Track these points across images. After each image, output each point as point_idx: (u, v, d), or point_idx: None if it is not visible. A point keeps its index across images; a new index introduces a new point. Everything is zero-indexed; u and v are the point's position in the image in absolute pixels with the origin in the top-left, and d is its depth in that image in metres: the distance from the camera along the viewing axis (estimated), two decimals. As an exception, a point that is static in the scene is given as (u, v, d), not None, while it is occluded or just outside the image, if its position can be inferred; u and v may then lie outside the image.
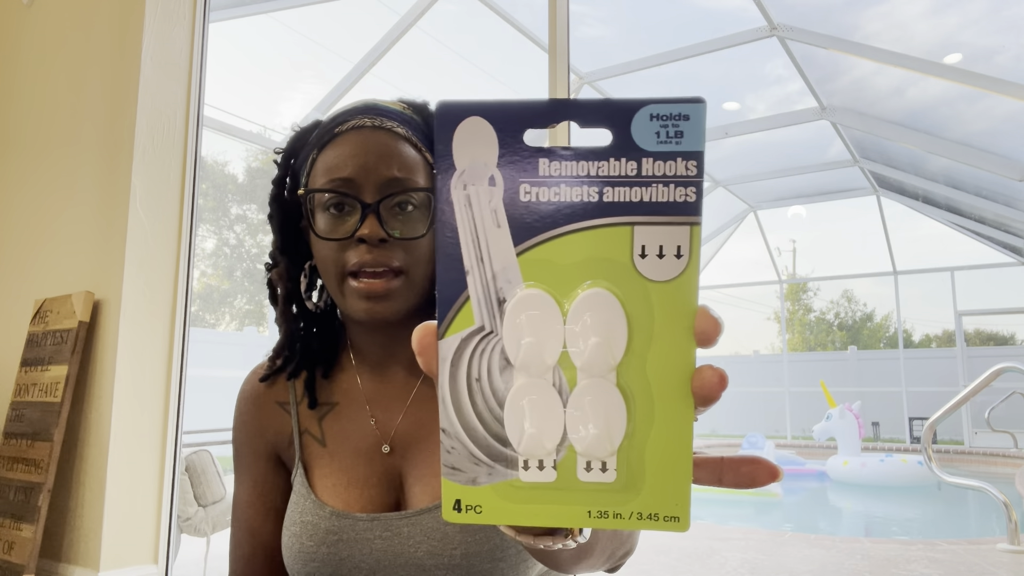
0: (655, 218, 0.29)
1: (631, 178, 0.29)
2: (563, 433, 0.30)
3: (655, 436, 0.30)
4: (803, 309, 21.67)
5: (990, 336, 16.71)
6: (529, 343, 0.29)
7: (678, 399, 0.29)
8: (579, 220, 0.29)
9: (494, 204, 0.29)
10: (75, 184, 2.18)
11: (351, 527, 0.73)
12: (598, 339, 0.29)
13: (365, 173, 0.71)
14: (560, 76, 2.12)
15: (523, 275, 0.29)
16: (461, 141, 0.29)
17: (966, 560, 3.52)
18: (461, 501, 0.31)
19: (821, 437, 8.92)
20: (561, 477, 0.30)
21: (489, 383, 0.30)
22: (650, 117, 0.29)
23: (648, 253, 0.29)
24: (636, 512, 0.30)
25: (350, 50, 6.09)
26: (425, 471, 0.74)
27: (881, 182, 10.55)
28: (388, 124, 0.74)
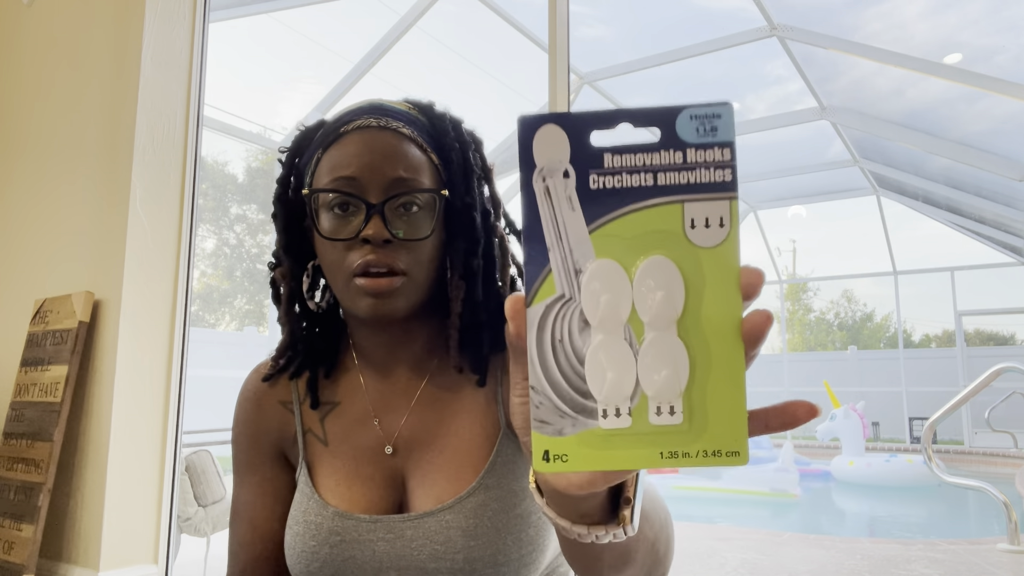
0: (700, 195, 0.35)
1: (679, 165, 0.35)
2: (636, 382, 0.35)
3: (714, 379, 0.35)
4: (803, 309, 21.67)
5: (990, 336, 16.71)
6: (606, 301, 0.35)
7: (731, 345, 0.35)
8: (638, 201, 0.35)
9: (568, 192, 0.35)
10: (75, 184, 2.18)
11: (354, 528, 0.72)
12: (662, 294, 0.35)
13: (370, 173, 0.70)
14: (560, 76, 2.12)
15: (595, 249, 0.35)
16: (540, 144, 0.36)
17: (966, 560, 3.52)
18: (549, 451, 0.36)
19: (825, 437, 8.88)
20: (635, 422, 0.35)
21: (571, 343, 0.36)
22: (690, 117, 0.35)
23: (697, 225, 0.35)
24: (702, 450, 0.35)
25: (350, 50, 6.09)
26: (428, 473, 0.74)
27: (881, 182, 10.55)
28: (394, 124, 0.74)
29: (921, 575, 3.27)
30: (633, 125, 0.35)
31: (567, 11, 2.19)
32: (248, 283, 18.36)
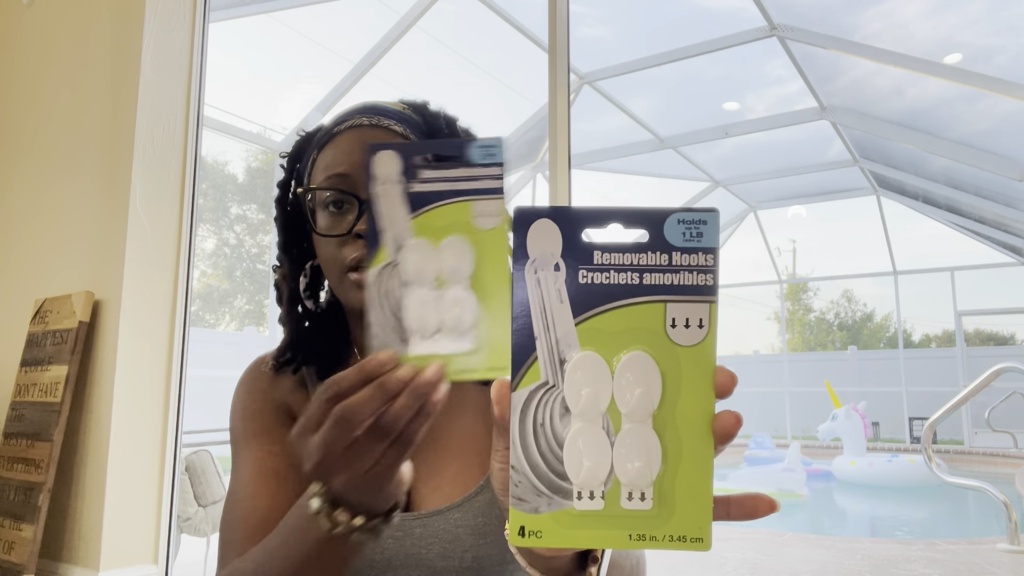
0: (682, 297, 0.38)
1: (664, 267, 0.38)
2: (610, 468, 0.38)
3: (683, 470, 0.38)
4: (803, 309, 21.66)
5: (990, 336, 16.71)
6: (588, 393, 0.38)
7: (702, 439, 0.38)
8: (624, 298, 0.38)
9: (558, 285, 0.38)
10: (75, 184, 2.18)
11: None
12: (641, 391, 0.38)
13: (361, 169, 0.72)
14: (560, 76, 2.12)
15: (580, 341, 0.38)
16: (533, 237, 0.39)
17: (966, 560, 3.52)
18: (525, 528, 0.39)
19: (826, 437, 8.85)
20: (608, 505, 0.38)
21: (551, 427, 0.38)
22: (678, 221, 0.38)
23: (677, 324, 0.38)
24: (668, 535, 0.38)
25: (350, 50, 6.09)
26: (434, 472, 0.74)
27: (881, 182, 10.55)
28: (385, 122, 0.75)
29: (921, 575, 3.27)
30: (624, 226, 0.38)
31: (567, 11, 2.19)
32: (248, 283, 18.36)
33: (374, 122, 0.75)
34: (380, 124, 0.75)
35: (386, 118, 0.75)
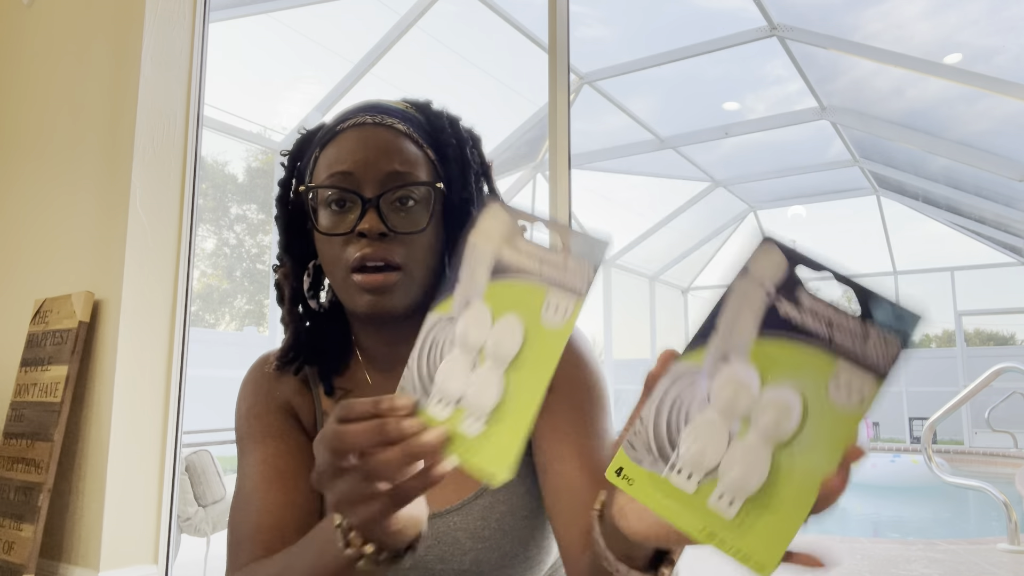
0: (856, 364, 0.40)
1: (853, 333, 0.41)
2: (718, 464, 0.40)
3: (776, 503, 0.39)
4: (803, 309, 21.68)
5: (990, 336, 16.70)
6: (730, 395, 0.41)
7: (808, 488, 0.39)
8: (805, 339, 0.41)
9: (757, 305, 0.42)
10: (75, 184, 2.18)
11: None
12: (776, 416, 0.40)
13: (365, 168, 0.71)
14: (560, 76, 2.12)
15: (751, 354, 0.41)
16: (760, 257, 0.43)
17: (966, 560, 3.52)
18: (623, 470, 0.42)
19: None
20: (697, 493, 0.40)
21: (688, 405, 0.42)
22: (886, 307, 0.40)
23: (841, 385, 0.40)
24: (737, 548, 0.40)
25: (350, 50, 6.09)
26: None
27: (881, 182, 10.55)
28: (389, 121, 0.74)
29: (921, 575, 3.27)
30: (837, 280, 0.41)
31: (567, 11, 2.19)
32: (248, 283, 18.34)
33: (378, 120, 0.74)
34: (384, 123, 0.74)
35: (390, 116, 0.74)
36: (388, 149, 0.72)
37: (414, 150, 0.74)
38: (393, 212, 0.71)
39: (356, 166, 0.71)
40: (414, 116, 0.77)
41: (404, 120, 0.75)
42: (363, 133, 0.73)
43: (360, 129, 0.73)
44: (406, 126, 0.74)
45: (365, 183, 0.71)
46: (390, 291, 0.70)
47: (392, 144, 0.72)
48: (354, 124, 0.73)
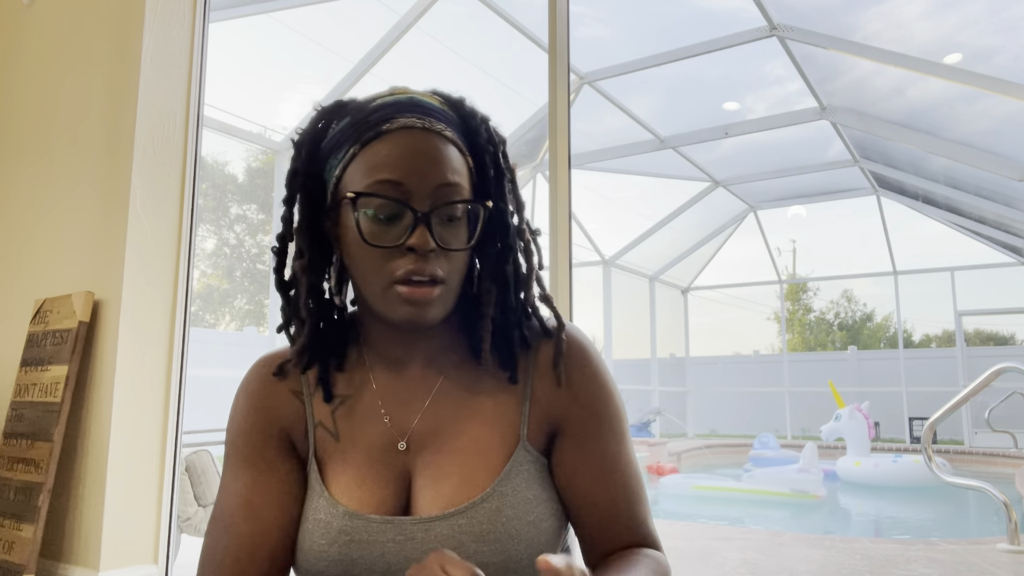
0: None
1: None
2: None
3: None
4: (803, 309, 21.66)
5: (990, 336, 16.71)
6: None
7: None
8: None
9: None
10: (75, 184, 2.18)
11: (364, 528, 0.72)
12: None
13: (417, 178, 0.68)
14: (560, 76, 2.12)
15: None
16: None
17: (966, 560, 3.52)
18: None
19: (830, 437, 8.71)
20: None
21: None
22: None
23: None
24: None
25: (350, 50, 6.09)
26: (437, 475, 0.73)
27: (881, 182, 10.55)
28: (437, 126, 0.71)
29: (921, 575, 3.27)
30: None
31: (567, 11, 2.19)
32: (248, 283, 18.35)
33: (426, 125, 0.71)
34: (433, 128, 0.71)
35: (437, 120, 0.72)
36: (439, 159, 0.70)
37: (460, 159, 0.72)
38: (441, 226, 0.70)
39: (407, 176, 0.68)
40: (452, 117, 0.74)
41: (448, 124, 0.73)
42: (413, 139, 0.70)
43: (409, 133, 0.70)
44: (452, 132, 0.73)
45: (416, 195, 0.69)
46: (432, 304, 0.70)
47: (442, 154, 0.70)
48: (402, 127, 0.70)
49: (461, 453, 0.74)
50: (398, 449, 0.75)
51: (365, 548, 0.71)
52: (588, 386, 0.76)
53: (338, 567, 0.71)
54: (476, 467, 0.73)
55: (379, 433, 0.76)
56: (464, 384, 0.77)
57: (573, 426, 0.75)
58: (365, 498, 0.73)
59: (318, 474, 0.76)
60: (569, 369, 0.76)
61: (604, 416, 0.76)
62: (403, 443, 0.75)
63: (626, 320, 12.17)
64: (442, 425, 0.76)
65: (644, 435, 10.95)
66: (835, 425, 8.67)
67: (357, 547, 0.71)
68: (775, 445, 9.55)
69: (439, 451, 0.75)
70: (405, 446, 0.75)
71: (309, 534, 0.74)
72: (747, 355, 16.07)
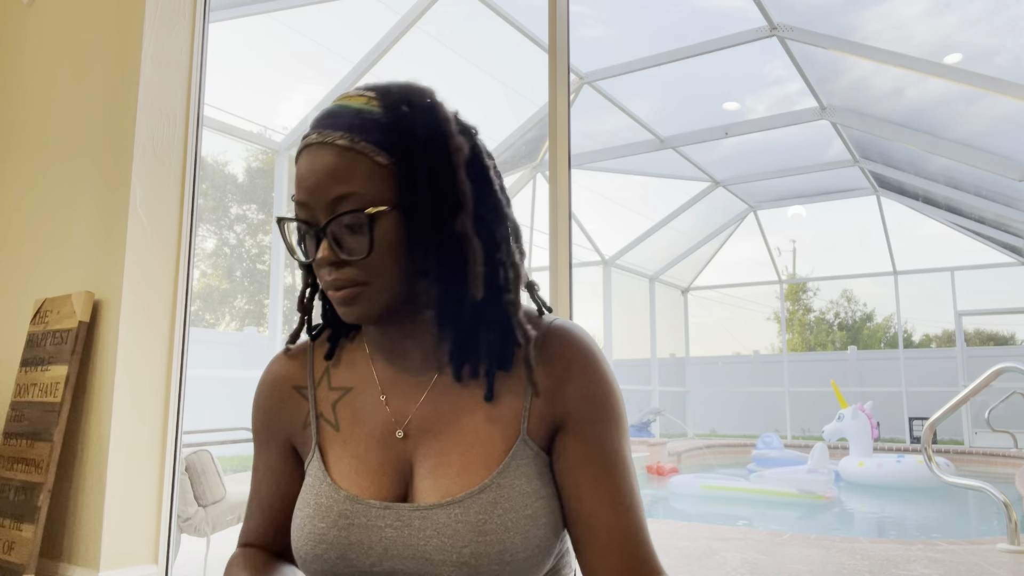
0: None
1: None
2: None
3: None
4: (803, 309, 21.66)
5: (990, 336, 16.71)
6: None
7: None
8: None
9: None
10: (75, 184, 2.18)
11: (364, 512, 0.74)
12: None
13: (314, 196, 0.72)
14: (560, 76, 2.12)
15: None
16: None
17: (966, 560, 3.52)
18: None
19: (832, 438, 8.60)
20: None
21: None
22: None
23: None
24: None
25: (350, 50, 6.09)
26: (436, 464, 0.75)
27: (881, 182, 10.55)
28: (332, 137, 0.71)
29: (921, 575, 3.27)
30: None
31: (567, 11, 2.19)
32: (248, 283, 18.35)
33: (323, 139, 0.71)
34: (327, 141, 0.71)
35: (335, 130, 0.71)
36: (329, 173, 0.71)
37: (359, 165, 0.71)
38: (345, 235, 0.72)
39: (307, 195, 0.72)
40: (368, 114, 0.73)
41: (349, 130, 0.71)
42: (310, 156, 0.73)
43: (309, 151, 0.73)
44: (349, 138, 0.71)
45: (316, 210, 0.72)
46: (358, 302, 0.74)
47: (332, 167, 0.71)
48: (306, 145, 0.74)
49: (461, 444, 0.75)
50: (396, 438, 0.77)
51: (363, 532, 0.73)
52: (590, 383, 0.77)
53: (335, 550, 0.74)
54: (475, 458, 0.74)
55: (379, 421, 0.79)
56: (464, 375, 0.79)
57: (576, 420, 0.76)
58: (365, 484, 0.76)
59: (320, 462, 0.80)
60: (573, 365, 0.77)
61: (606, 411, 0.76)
62: (401, 431, 0.77)
63: (626, 320, 12.17)
64: (441, 416, 0.77)
65: (644, 435, 10.94)
66: (838, 425, 8.61)
67: (356, 531, 0.74)
68: (779, 445, 9.52)
69: (439, 441, 0.76)
70: (403, 434, 0.77)
71: (310, 518, 0.76)
72: (747, 355, 16.08)
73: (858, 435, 8.48)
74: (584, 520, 0.75)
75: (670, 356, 14.51)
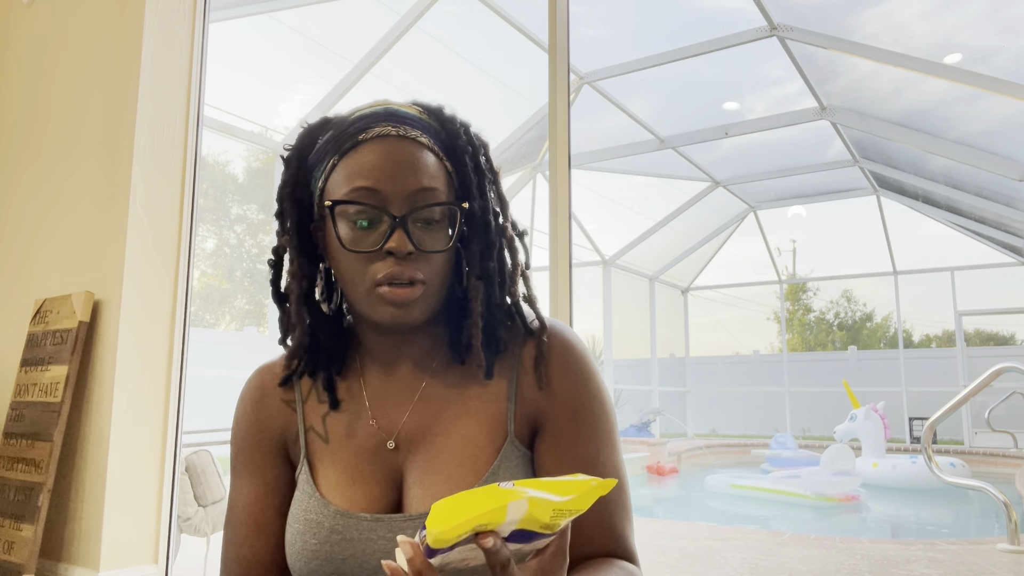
0: None
1: None
2: None
3: None
4: (803, 309, 21.65)
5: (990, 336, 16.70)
6: None
7: None
8: None
9: None
10: (75, 184, 2.18)
11: (355, 527, 0.73)
12: None
13: (392, 185, 0.71)
14: (560, 76, 2.12)
15: None
16: None
17: (966, 560, 3.52)
18: None
19: (844, 438, 8.42)
20: None
21: None
22: None
23: None
24: None
25: (350, 50, 6.09)
26: (427, 472, 0.75)
27: (881, 182, 10.55)
28: (412, 133, 0.74)
29: (921, 575, 3.27)
30: None
31: (567, 11, 2.19)
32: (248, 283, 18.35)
33: (401, 132, 0.73)
34: (408, 135, 0.73)
35: (412, 127, 0.74)
36: (414, 165, 0.72)
37: (436, 164, 0.74)
38: (419, 230, 0.72)
39: (383, 183, 0.71)
40: (430, 124, 0.77)
41: (424, 131, 0.75)
42: (388, 146, 0.72)
43: (384, 141, 0.72)
44: (428, 138, 0.75)
45: (392, 200, 0.71)
46: (414, 305, 0.72)
47: (417, 159, 0.73)
48: (378, 135, 0.73)
49: (449, 450, 0.75)
50: (387, 449, 0.77)
51: (356, 546, 0.73)
52: (569, 386, 0.77)
53: (329, 566, 0.73)
54: (464, 463, 0.74)
55: (368, 434, 0.78)
56: (451, 383, 0.79)
57: (552, 425, 0.76)
58: (356, 497, 0.75)
59: (309, 476, 0.78)
60: (551, 369, 0.77)
61: (583, 417, 0.76)
62: (392, 442, 0.77)
63: (626, 320, 12.17)
64: (430, 424, 0.77)
65: (644, 435, 10.93)
66: (850, 426, 8.42)
67: (348, 545, 0.73)
68: (793, 445, 9.42)
69: (428, 449, 0.76)
70: (394, 445, 0.77)
71: (301, 534, 0.75)
72: (747, 355, 16.06)
73: (871, 436, 8.32)
74: None
75: (670, 356, 14.51)
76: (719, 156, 9.79)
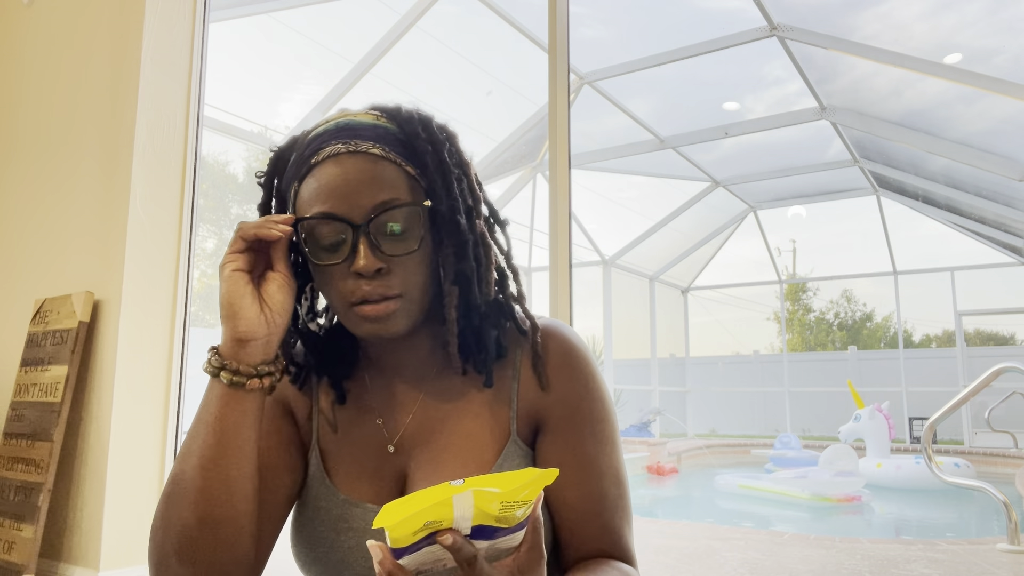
0: None
1: None
2: None
3: None
4: (803, 309, 21.65)
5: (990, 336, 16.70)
6: None
7: None
8: None
9: None
10: (75, 184, 2.18)
11: (361, 516, 0.75)
12: None
13: (348, 205, 0.69)
14: (560, 76, 2.12)
15: None
16: None
17: (966, 560, 3.52)
18: None
19: (849, 438, 8.37)
20: None
21: None
22: None
23: None
24: None
25: (350, 50, 6.09)
26: (429, 471, 0.76)
27: (881, 182, 10.55)
28: (363, 146, 0.71)
29: (921, 575, 3.27)
30: None
31: (567, 11, 2.19)
32: (248, 283, 18.28)
33: (351, 148, 0.71)
34: (359, 150, 0.71)
35: (363, 140, 0.72)
36: (368, 179, 0.70)
37: (395, 171, 0.72)
38: (384, 238, 0.70)
39: (339, 205, 0.69)
40: (386, 129, 0.74)
41: (377, 140, 0.72)
42: (340, 165, 0.70)
43: (336, 161, 0.71)
44: (381, 148, 0.72)
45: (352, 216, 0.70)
46: (391, 318, 0.71)
47: (369, 173, 0.71)
48: (329, 156, 0.71)
49: (454, 449, 0.76)
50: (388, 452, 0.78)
51: (361, 536, 0.74)
52: (569, 386, 0.77)
53: (336, 553, 0.74)
54: (469, 461, 0.75)
55: (373, 433, 0.79)
56: (454, 384, 0.79)
57: (552, 424, 0.76)
58: (362, 489, 0.77)
59: (320, 462, 0.80)
60: (552, 369, 0.77)
61: (583, 417, 0.76)
62: (391, 447, 0.78)
63: (626, 320, 12.17)
64: (432, 428, 0.78)
65: (644, 435, 10.93)
66: (854, 426, 8.35)
67: (354, 534, 0.74)
68: (797, 445, 9.39)
69: (432, 448, 0.77)
70: (394, 449, 0.78)
71: (309, 520, 0.77)
72: (747, 355, 16.06)
73: (875, 436, 8.26)
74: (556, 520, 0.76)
75: (670, 356, 14.51)
76: (719, 156, 9.79)
